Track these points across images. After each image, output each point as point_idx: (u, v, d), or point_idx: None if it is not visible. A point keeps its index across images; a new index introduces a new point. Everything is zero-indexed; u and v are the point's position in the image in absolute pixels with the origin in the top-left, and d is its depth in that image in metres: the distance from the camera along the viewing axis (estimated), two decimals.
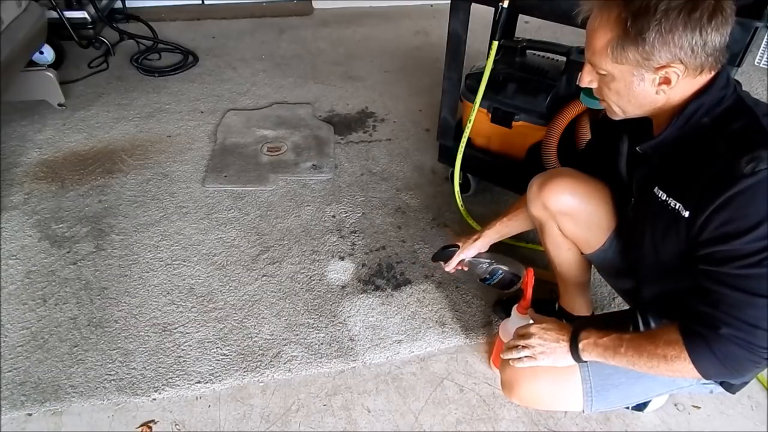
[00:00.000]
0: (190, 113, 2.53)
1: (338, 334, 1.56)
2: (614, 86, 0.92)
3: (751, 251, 0.81)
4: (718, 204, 0.82)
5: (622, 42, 0.84)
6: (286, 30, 3.41)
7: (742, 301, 0.83)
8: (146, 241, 1.84)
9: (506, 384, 1.16)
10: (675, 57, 0.83)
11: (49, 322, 1.57)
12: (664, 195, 0.94)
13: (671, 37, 0.80)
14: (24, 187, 2.05)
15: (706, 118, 0.88)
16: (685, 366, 0.89)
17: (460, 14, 1.64)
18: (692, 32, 0.80)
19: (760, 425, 1.37)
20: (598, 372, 1.08)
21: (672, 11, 0.79)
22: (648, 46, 0.82)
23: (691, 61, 0.83)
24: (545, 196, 1.23)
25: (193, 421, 1.35)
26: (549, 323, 1.11)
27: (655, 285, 1.10)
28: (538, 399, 1.16)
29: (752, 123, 0.85)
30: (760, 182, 0.79)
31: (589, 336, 1.02)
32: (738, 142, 0.83)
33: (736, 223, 0.81)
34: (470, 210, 1.90)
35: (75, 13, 2.67)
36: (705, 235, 0.86)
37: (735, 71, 1.23)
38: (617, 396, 1.11)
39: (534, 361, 1.08)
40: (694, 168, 0.88)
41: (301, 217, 1.96)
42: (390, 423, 1.36)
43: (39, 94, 2.42)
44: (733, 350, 0.85)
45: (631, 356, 0.95)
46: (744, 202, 0.80)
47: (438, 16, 3.57)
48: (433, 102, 2.46)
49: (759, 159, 0.79)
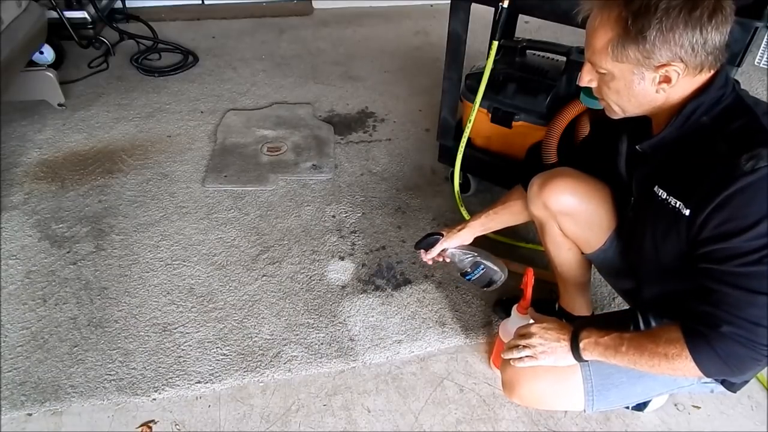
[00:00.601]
0: (190, 113, 2.53)
1: (338, 334, 1.56)
2: (614, 85, 0.92)
3: (752, 249, 0.81)
4: (718, 202, 0.82)
5: (622, 41, 0.85)
6: (286, 30, 3.41)
7: (743, 299, 0.83)
8: (146, 241, 1.84)
9: (507, 384, 1.16)
10: (675, 55, 0.83)
11: (49, 322, 1.57)
12: (664, 194, 0.94)
13: (672, 36, 0.81)
14: (24, 187, 2.05)
15: (705, 117, 0.89)
16: (686, 364, 0.89)
17: (460, 14, 1.64)
18: (693, 31, 0.80)
19: (760, 425, 1.37)
20: (599, 371, 1.08)
21: (673, 10, 0.79)
22: (649, 44, 0.82)
23: (692, 60, 0.83)
24: (546, 195, 1.23)
25: (193, 421, 1.35)
26: (550, 323, 1.11)
27: (655, 285, 1.10)
28: (539, 399, 1.15)
29: (752, 122, 0.85)
30: (760, 180, 0.79)
31: (590, 335, 1.02)
32: (738, 141, 0.83)
33: (736, 221, 0.81)
34: (470, 210, 1.90)
35: (75, 13, 2.67)
36: (705, 233, 0.86)
37: (735, 71, 1.23)
38: (618, 395, 1.11)
39: (535, 361, 1.07)
40: (694, 167, 0.88)
41: (301, 217, 1.96)
42: (390, 423, 1.36)
43: (39, 94, 2.42)
44: (734, 349, 0.85)
45: (632, 355, 0.95)
46: (744, 200, 0.81)
47: (438, 16, 3.57)
48: (433, 102, 2.46)
49: (759, 157, 0.79)
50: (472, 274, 1.40)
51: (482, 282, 1.41)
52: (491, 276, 1.39)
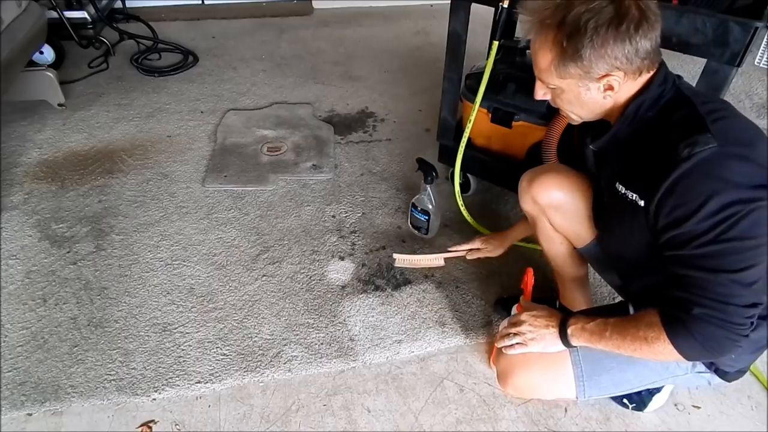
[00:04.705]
0: (190, 113, 2.53)
1: (338, 334, 1.56)
2: (565, 97, 1.00)
3: (704, 230, 0.85)
4: (664, 191, 0.88)
5: (562, 60, 0.92)
6: (286, 30, 3.41)
7: (708, 279, 0.87)
8: (146, 241, 1.84)
9: (501, 375, 1.22)
10: (612, 66, 0.90)
11: (49, 322, 1.57)
12: (623, 189, 0.99)
13: (605, 51, 0.88)
14: (24, 187, 2.05)
15: (650, 112, 0.96)
16: (665, 347, 0.92)
17: (460, 14, 1.64)
18: (623, 43, 0.87)
19: (760, 425, 1.37)
20: (587, 357, 1.12)
21: (601, 27, 0.86)
22: (586, 61, 0.89)
23: (628, 67, 0.91)
24: (534, 191, 1.30)
25: (193, 421, 1.35)
26: (539, 311, 1.16)
27: (636, 278, 1.14)
28: (532, 388, 1.21)
29: (691, 111, 0.91)
30: (698, 164, 0.84)
31: (578, 321, 1.07)
32: (678, 130, 0.89)
33: (685, 207, 0.86)
34: (470, 210, 1.90)
35: (75, 13, 2.68)
36: (661, 221, 0.91)
37: (735, 71, 1.23)
38: (609, 381, 1.14)
39: (525, 348, 1.12)
40: (643, 158, 0.95)
41: (301, 217, 1.96)
42: (390, 423, 1.36)
43: (39, 94, 2.43)
44: (709, 330, 0.88)
45: (615, 340, 0.99)
46: (687, 185, 0.86)
47: (438, 16, 3.57)
48: (433, 102, 2.46)
49: (695, 143, 0.85)
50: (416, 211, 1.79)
51: (413, 222, 1.84)
52: (419, 226, 1.82)
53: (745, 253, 0.84)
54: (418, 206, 1.79)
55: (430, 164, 1.73)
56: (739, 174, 0.83)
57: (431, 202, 1.76)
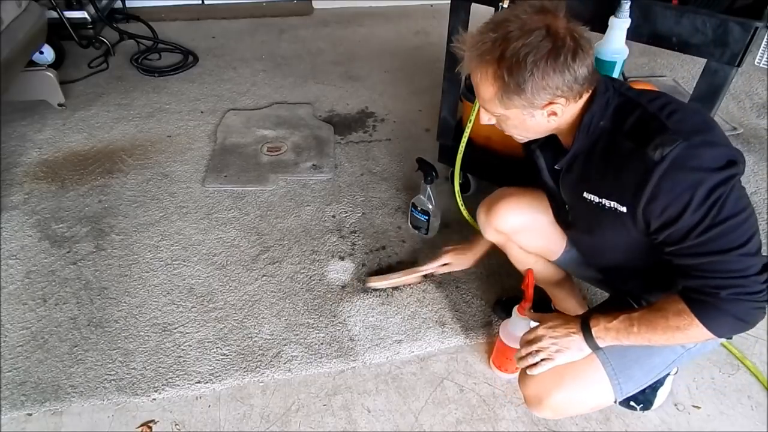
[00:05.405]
0: (190, 113, 2.53)
1: (338, 334, 1.56)
2: (510, 123, 1.02)
3: (699, 219, 0.87)
4: (649, 196, 0.90)
5: (506, 93, 0.93)
6: (286, 30, 3.41)
7: (721, 261, 0.89)
8: (146, 241, 1.84)
9: (534, 400, 1.11)
10: (554, 95, 0.92)
11: (49, 322, 1.57)
12: (595, 198, 1.01)
13: (546, 83, 0.90)
14: (24, 187, 2.05)
15: (602, 121, 0.97)
16: (700, 331, 0.93)
17: (460, 14, 1.64)
18: (562, 74, 0.89)
19: (760, 425, 1.37)
20: (613, 352, 1.08)
21: (540, 61, 0.88)
22: (528, 93, 0.91)
23: (569, 94, 0.93)
24: (494, 221, 1.30)
25: (193, 421, 1.35)
26: (554, 320, 1.10)
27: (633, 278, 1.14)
28: (572, 403, 1.10)
29: (643, 113, 0.93)
30: (672, 163, 0.87)
31: (599, 322, 1.04)
32: (638, 135, 0.91)
33: (673, 208, 0.88)
34: (470, 210, 1.90)
35: (75, 13, 2.67)
36: (654, 224, 0.93)
37: (735, 71, 1.23)
38: (641, 371, 1.11)
39: (552, 362, 1.06)
40: (611, 168, 0.96)
41: (301, 217, 1.96)
42: (390, 423, 1.36)
43: (39, 94, 2.42)
44: (740, 306, 0.90)
45: (644, 333, 0.99)
46: (669, 185, 0.88)
47: (438, 16, 3.56)
48: (433, 102, 2.46)
49: (661, 144, 0.87)
50: (416, 211, 1.81)
51: (413, 222, 1.86)
52: (419, 226, 1.84)
53: (743, 226, 0.88)
54: (418, 206, 1.80)
55: (430, 164, 1.73)
56: (710, 159, 0.87)
57: (431, 202, 1.77)
